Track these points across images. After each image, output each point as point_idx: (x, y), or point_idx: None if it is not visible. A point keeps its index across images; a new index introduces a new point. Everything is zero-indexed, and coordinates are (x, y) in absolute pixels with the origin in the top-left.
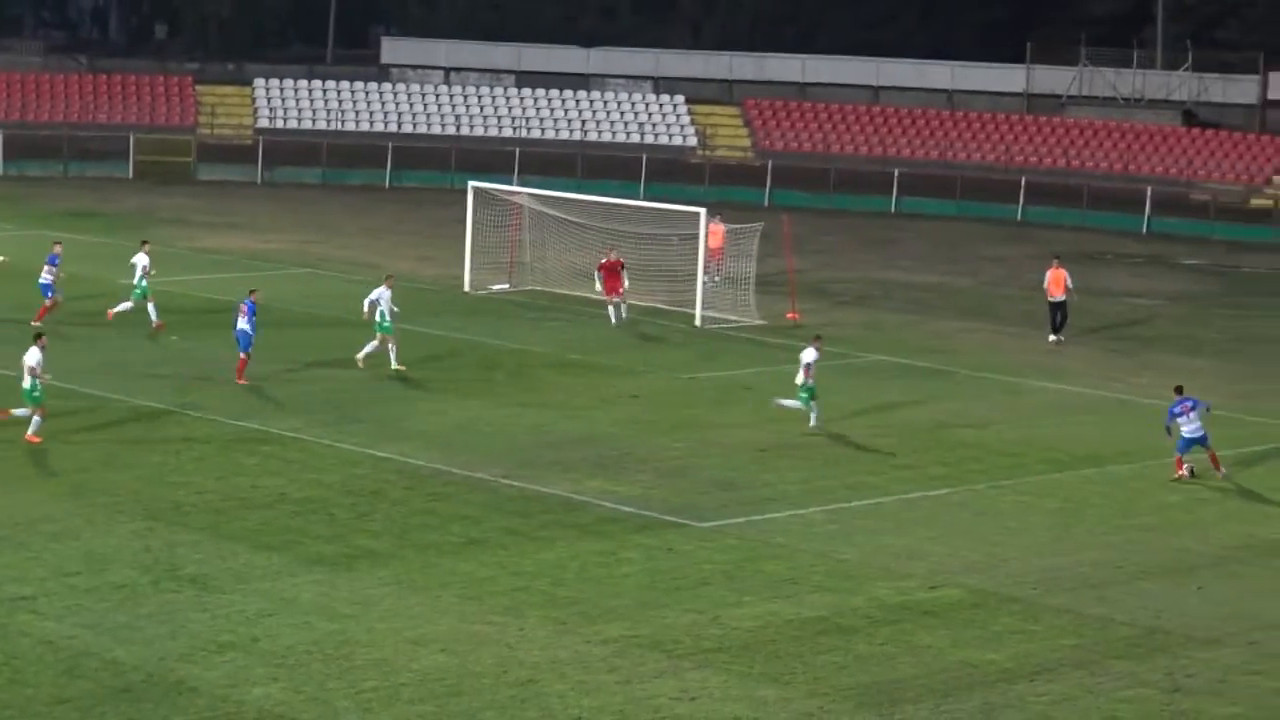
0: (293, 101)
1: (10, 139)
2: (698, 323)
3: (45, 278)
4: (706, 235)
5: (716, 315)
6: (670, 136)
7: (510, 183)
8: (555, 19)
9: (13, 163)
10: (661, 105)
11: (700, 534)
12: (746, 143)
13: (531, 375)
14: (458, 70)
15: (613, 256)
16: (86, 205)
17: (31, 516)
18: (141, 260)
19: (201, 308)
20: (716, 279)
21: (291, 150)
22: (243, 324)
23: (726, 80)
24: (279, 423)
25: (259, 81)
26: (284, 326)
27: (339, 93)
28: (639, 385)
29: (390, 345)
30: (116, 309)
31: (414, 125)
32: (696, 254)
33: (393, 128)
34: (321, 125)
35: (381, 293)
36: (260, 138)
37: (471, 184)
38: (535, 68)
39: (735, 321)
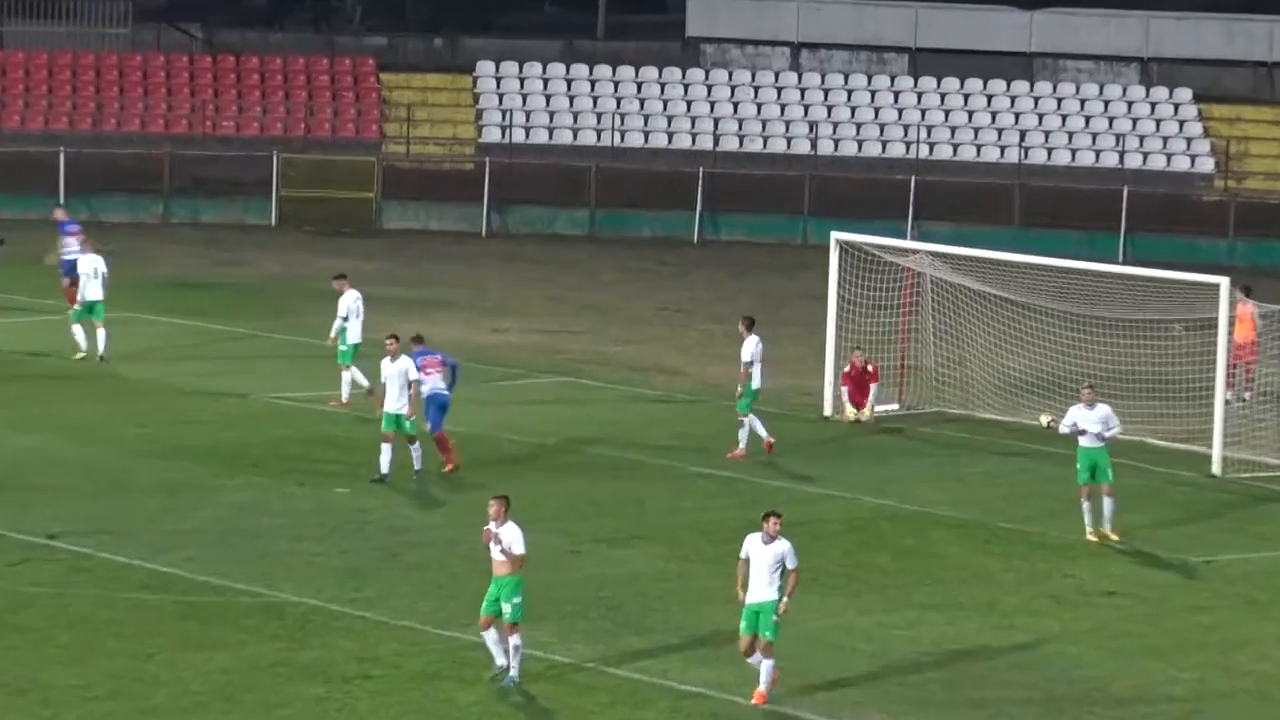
0: (540, 100)
1: (81, 160)
2: (1215, 469)
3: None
4: (1231, 323)
5: (1248, 458)
6: (1169, 157)
7: (901, 232)
8: None
9: (83, 198)
10: (1160, 108)
11: None
12: None
13: (934, 555)
14: (807, 47)
15: (859, 360)
16: (196, 271)
17: None
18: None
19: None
20: (1244, 396)
21: (538, 181)
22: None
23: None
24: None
25: (484, 67)
26: (539, 473)
27: (616, 85)
28: (1113, 574)
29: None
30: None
31: (740, 136)
32: (1214, 354)
33: (705, 143)
34: (588, 139)
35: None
36: (486, 160)
37: (835, 235)
38: (935, 43)
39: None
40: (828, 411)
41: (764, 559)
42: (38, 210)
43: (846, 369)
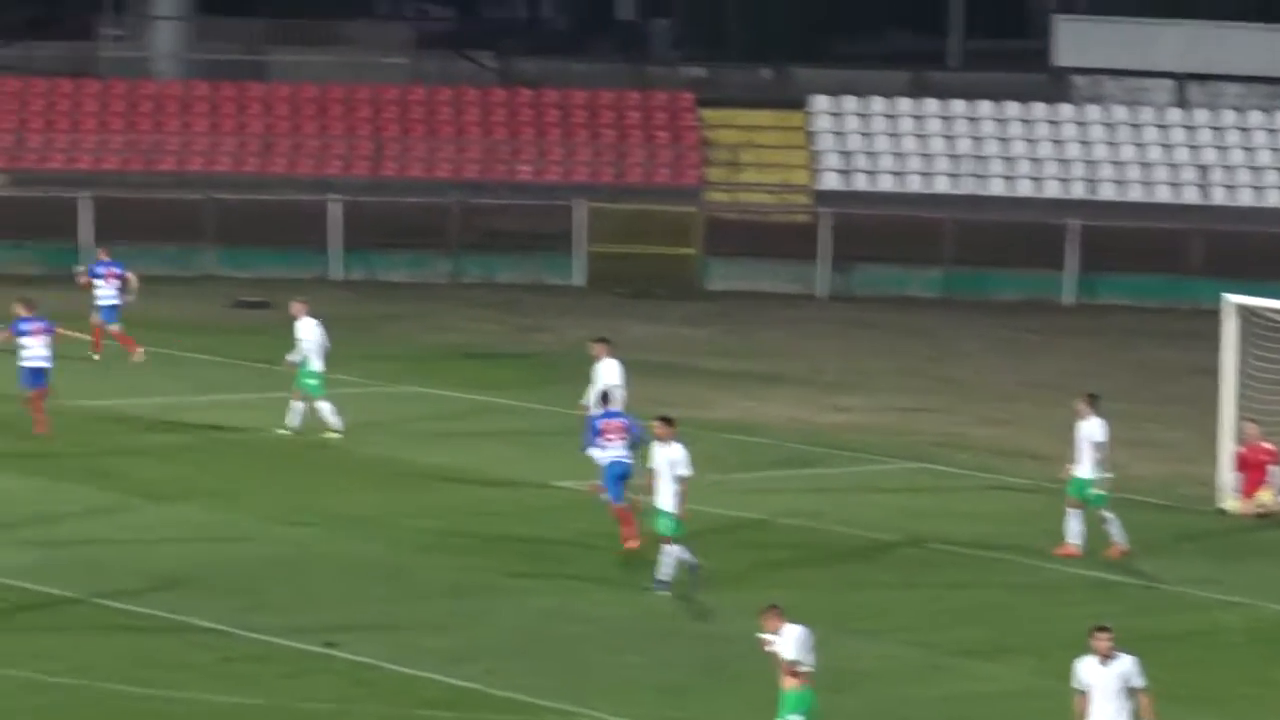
0: (884, 140)
1: (356, 210)
2: None
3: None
4: None
5: None
6: None
7: None
8: None
9: (360, 254)
10: None
11: None
12: None
13: None
14: (1195, 78)
15: (1252, 434)
16: (490, 338)
17: None
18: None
19: (739, 535)
20: None
21: (883, 235)
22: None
23: None
24: None
25: (818, 102)
26: (888, 574)
27: (973, 123)
28: None
29: None
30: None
31: (1118, 183)
32: None
33: (1077, 191)
34: (941, 185)
35: None
36: (823, 210)
37: (1230, 299)
38: None
39: None
40: (1224, 504)
41: (1106, 684)
42: (309, 269)
43: (1239, 448)
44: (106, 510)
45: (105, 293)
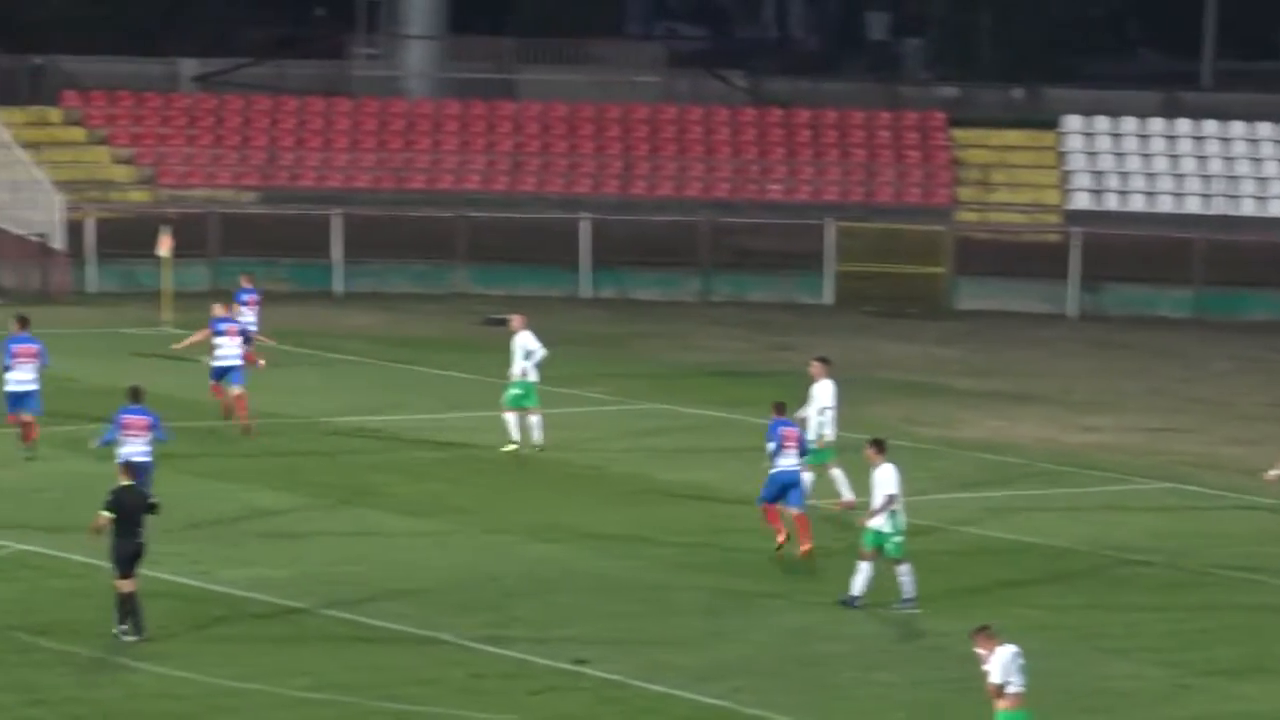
0: (1136, 160)
1: (606, 229)
2: None
3: (247, 320)
4: None
5: None
6: None
7: None
8: None
9: (610, 271)
10: None
11: None
12: None
13: None
14: None
15: None
16: (740, 356)
17: None
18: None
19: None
20: None
21: (1134, 255)
22: None
23: None
24: None
25: (1070, 122)
26: (1139, 594)
27: (1225, 144)
28: None
29: None
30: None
31: None
32: None
33: None
34: (1193, 205)
35: None
36: (1074, 229)
37: None
38: None
39: None
40: None
41: None
42: (559, 287)
43: None
44: (357, 525)
45: (245, 319)
